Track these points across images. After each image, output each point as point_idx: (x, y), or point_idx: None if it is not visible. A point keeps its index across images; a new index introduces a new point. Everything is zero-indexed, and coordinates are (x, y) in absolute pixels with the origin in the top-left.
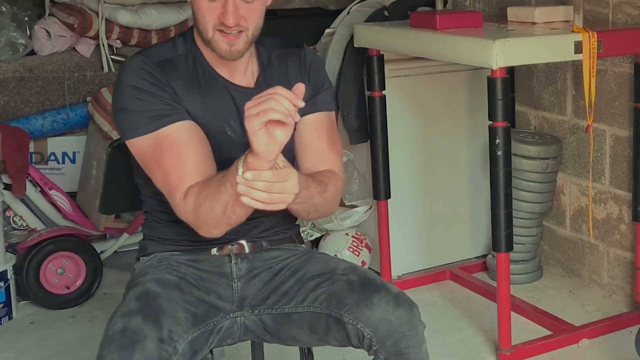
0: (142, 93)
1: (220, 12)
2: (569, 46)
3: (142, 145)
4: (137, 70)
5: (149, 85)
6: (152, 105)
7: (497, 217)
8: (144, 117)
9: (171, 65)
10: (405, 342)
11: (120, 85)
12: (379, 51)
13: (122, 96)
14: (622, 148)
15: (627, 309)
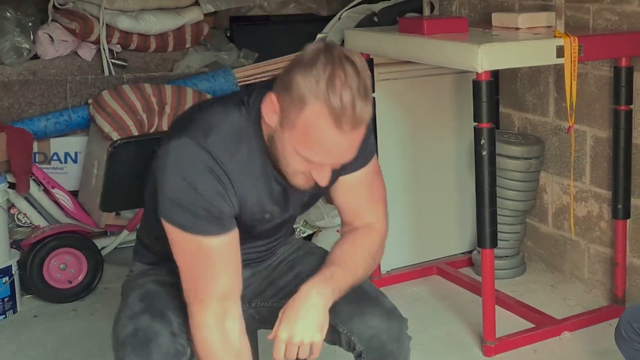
0: (197, 194)
1: (314, 170)
2: (551, 50)
3: (181, 239)
4: (197, 163)
5: (207, 186)
6: (203, 211)
7: (482, 214)
8: (193, 219)
9: (233, 156)
10: (393, 357)
11: (175, 173)
12: (369, 55)
13: (175, 187)
14: (602, 148)
15: (607, 302)
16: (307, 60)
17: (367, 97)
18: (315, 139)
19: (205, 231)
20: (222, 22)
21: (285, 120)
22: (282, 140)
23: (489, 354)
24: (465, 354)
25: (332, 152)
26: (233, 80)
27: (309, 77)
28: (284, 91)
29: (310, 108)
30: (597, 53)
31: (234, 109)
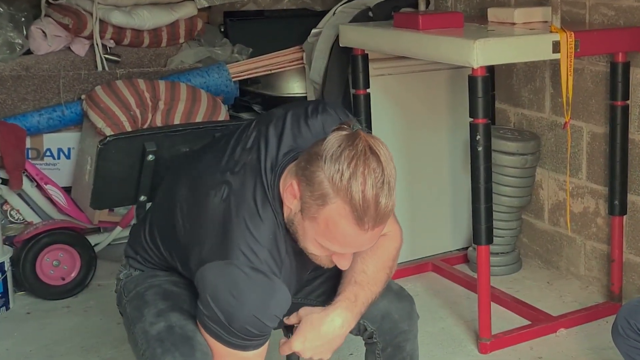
0: (258, 321)
1: (334, 256)
2: (547, 46)
3: (215, 346)
4: (262, 296)
5: (269, 316)
6: (261, 331)
7: (478, 211)
8: (239, 338)
9: (283, 261)
10: (404, 336)
11: (234, 307)
12: (364, 51)
13: (230, 315)
14: (598, 144)
15: (603, 299)
16: (330, 155)
17: (391, 191)
18: (336, 234)
19: (246, 348)
20: (216, 17)
21: (306, 211)
22: (302, 227)
23: (485, 351)
24: (461, 351)
25: (352, 245)
26: (227, 76)
27: (332, 173)
28: (306, 184)
29: (332, 206)
30: (593, 48)
31: (264, 210)
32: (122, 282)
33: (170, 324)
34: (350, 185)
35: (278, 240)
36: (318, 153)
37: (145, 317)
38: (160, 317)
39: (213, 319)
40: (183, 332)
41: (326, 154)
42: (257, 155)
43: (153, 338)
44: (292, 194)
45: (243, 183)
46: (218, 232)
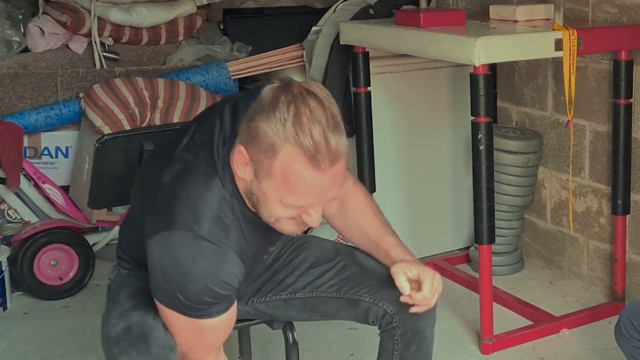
0: (207, 288)
1: (303, 214)
2: (550, 43)
3: (178, 320)
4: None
5: (217, 281)
6: (216, 297)
7: (480, 210)
8: (198, 306)
9: (229, 232)
10: (424, 321)
11: (181, 274)
12: (364, 48)
13: (179, 286)
14: (601, 143)
15: (606, 299)
16: (267, 105)
17: (338, 128)
18: (296, 183)
19: (209, 315)
20: (215, 14)
21: (260, 171)
22: (262, 191)
23: (487, 351)
24: (462, 352)
25: (316, 192)
26: (226, 74)
27: (274, 121)
28: (252, 142)
29: (283, 154)
30: (596, 46)
31: (210, 181)
32: (110, 282)
33: (128, 324)
34: (295, 128)
35: (225, 211)
36: (255, 109)
37: (110, 320)
38: (121, 317)
39: (166, 292)
40: (140, 330)
41: (263, 105)
42: (212, 132)
43: (113, 341)
44: (242, 161)
45: (195, 158)
46: (163, 205)
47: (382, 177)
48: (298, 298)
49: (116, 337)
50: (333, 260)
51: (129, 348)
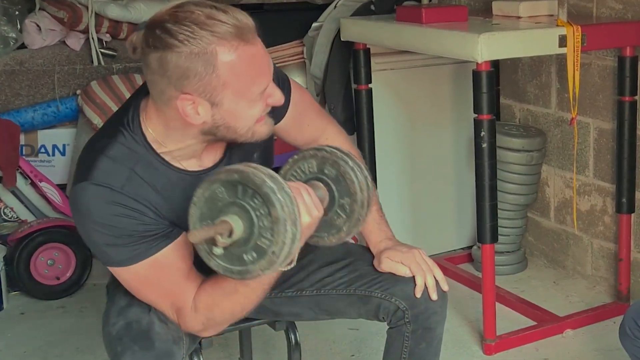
0: (117, 228)
1: (269, 99)
2: (554, 40)
3: (135, 274)
4: (97, 202)
5: (121, 217)
6: (134, 238)
7: (482, 209)
8: (134, 248)
9: (132, 178)
10: (435, 318)
11: (86, 221)
12: (366, 45)
13: (100, 233)
14: (605, 141)
15: (611, 299)
16: (168, 39)
17: (228, 7)
18: (247, 69)
19: (155, 250)
20: None
21: (214, 92)
22: (227, 111)
23: (489, 352)
24: (465, 352)
25: (264, 64)
26: None
27: (186, 45)
28: (182, 80)
29: (219, 57)
30: (600, 42)
31: (115, 135)
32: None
33: (128, 321)
34: (204, 30)
35: (127, 156)
36: (161, 54)
37: (109, 318)
38: (120, 315)
39: (101, 251)
40: (140, 326)
41: (166, 43)
42: (123, 107)
43: (115, 338)
44: (190, 105)
45: (106, 125)
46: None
47: (383, 175)
48: (305, 295)
49: (117, 335)
50: (344, 260)
51: (132, 344)
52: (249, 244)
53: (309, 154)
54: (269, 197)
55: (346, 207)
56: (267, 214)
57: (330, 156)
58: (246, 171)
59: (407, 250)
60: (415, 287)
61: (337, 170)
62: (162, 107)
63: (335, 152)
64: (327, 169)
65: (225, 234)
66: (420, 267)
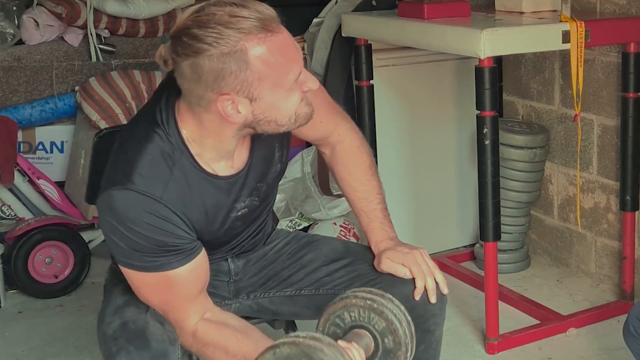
0: (146, 237)
1: (304, 85)
2: (557, 36)
3: (145, 279)
4: (131, 209)
5: (151, 227)
6: (159, 249)
7: (485, 206)
8: (155, 259)
9: (168, 185)
10: (435, 320)
11: (123, 227)
12: (367, 41)
13: (128, 238)
14: (609, 137)
15: (615, 298)
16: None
17: (247, 1)
18: (279, 59)
19: (174, 266)
20: None
21: (251, 89)
22: (267, 104)
23: (492, 351)
24: (467, 351)
25: (294, 51)
26: None
27: (215, 47)
28: (218, 81)
29: (249, 53)
30: (604, 38)
31: (151, 137)
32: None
33: (124, 321)
34: (229, 29)
35: (160, 162)
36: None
37: (105, 317)
38: (116, 314)
39: (121, 252)
40: (136, 326)
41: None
42: (153, 102)
43: (109, 338)
44: (230, 105)
45: (136, 123)
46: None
47: (385, 172)
48: (304, 295)
49: (113, 335)
50: (344, 259)
51: (127, 344)
52: None
53: (385, 316)
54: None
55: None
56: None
57: (377, 306)
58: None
59: (408, 251)
60: (414, 289)
61: (394, 347)
62: (200, 112)
63: (378, 300)
64: (387, 339)
65: None
66: (420, 269)
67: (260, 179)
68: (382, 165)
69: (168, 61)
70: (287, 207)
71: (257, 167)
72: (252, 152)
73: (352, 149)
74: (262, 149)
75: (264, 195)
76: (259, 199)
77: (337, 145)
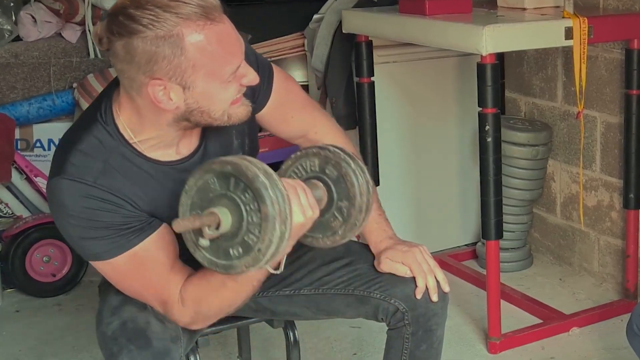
0: (93, 221)
1: (243, 80)
2: (560, 32)
3: (117, 266)
4: (71, 197)
5: (96, 211)
6: (110, 231)
7: (487, 204)
8: (112, 241)
9: (106, 172)
10: (436, 320)
11: (63, 215)
12: (368, 37)
13: (76, 227)
14: (612, 135)
15: (618, 297)
16: (132, 25)
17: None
18: (217, 48)
19: (134, 242)
20: None
21: (185, 75)
22: (201, 94)
23: (494, 350)
24: (469, 351)
25: (235, 43)
26: None
27: (150, 30)
28: (150, 64)
29: (186, 39)
30: (607, 34)
31: (89, 127)
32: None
33: (123, 321)
34: (168, 11)
35: (99, 149)
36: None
37: (103, 318)
38: (114, 315)
39: (80, 244)
40: (136, 326)
41: (130, 27)
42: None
43: (110, 338)
44: (161, 90)
45: (81, 116)
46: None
47: (386, 170)
48: (303, 294)
49: (112, 335)
50: (343, 259)
51: (128, 344)
52: (236, 238)
53: (312, 152)
54: (261, 192)
55: (344, 211)
56: (257, 210)
57: (333, 156)
58: (240, 164)
59: (407, 249)
60: (415, 288)
61: (338, 172)
62: (133, 96)
63: (338, 153)
64: (329, 169)
65: (213, 226)
66: (421, 267)
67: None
68: (383, 163)
69: (103, 39)
70: None
71: (212, 154)
72: (204, 138)
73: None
74: (217, 135)
75: None
76: None
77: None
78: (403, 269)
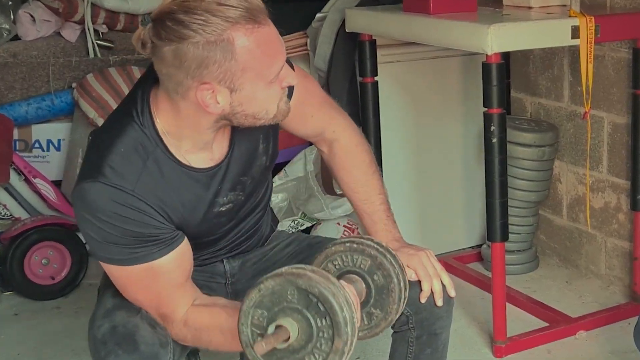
0: (121, 228)
1: (283, 81)
2: (566, 31)
3: (129, 274)
4: (102, 202)
5: (125, 219)
6: (144, 239)
7: (492, 206)
8: (134, 251)
9: (141, 176)
10: (441, 323)
11: (95, 219)
12: (371, 36)
13: (101, 230)
14: (620, 135)
15: (625, 300)
16: (182, 30)
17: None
18: (264, 50)
19: (156, 256)
20: None
21: (234, 78)
22: (247, 96)
23: (500, 354)
24: (474, 354)
25: (278, 45)
26: None
27: (200, 35)
28: (201, 69)
29: (235, 42)
30: (614, 34)
31: (124, 129)
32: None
33: (113, 325)
34: (217, 16)
35: (133, 153)
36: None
37: (95, 321)
38: (105, 318)
39: (99, 247)
40: (125, 330)
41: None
42: (130, 97)
43: (99, 342)
44: (209, 94)
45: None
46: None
47: (389, 171)
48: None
49: (102, 339)
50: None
51: (116, 348)
52: (296, 354)
53: (367, 253)
54: (340, 327)
55: (373, 318)
56: (329, 339)
57: (388, 265)
58: (326, 293)
59: (414, 252)
60: (420, 292)
61: (385, 282)
62: (177, 99)
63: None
64: (377, 276)
65: (281, 340)
66: (426, 271)
67: (243, 173)
68: (386, 164)
69: (147, 44)
70: (289, 207)
71: (238, 159)
72: (232, 144)
73: (350, 148)
74: (244, 140)
75: (250, 190)
76: (244, 194)
77: (335, 143)
78: (408, 272)
